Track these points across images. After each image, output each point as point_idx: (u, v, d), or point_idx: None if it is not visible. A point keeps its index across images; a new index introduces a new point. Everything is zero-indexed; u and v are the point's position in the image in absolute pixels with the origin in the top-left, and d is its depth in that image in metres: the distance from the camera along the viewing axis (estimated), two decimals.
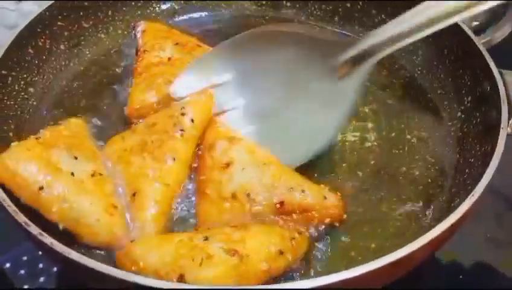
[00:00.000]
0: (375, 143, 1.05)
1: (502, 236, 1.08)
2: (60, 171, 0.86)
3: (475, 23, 1.44)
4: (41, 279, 1.02)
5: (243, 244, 0.81)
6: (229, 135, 0.96)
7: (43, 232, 0.76)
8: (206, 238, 0.81)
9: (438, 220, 0.79)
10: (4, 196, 0.81)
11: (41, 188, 0.84)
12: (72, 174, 0.87)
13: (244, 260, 0.79)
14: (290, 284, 0.70)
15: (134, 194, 0.90)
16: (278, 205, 0.87)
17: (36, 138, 0.91)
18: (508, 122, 0.91)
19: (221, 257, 0.78)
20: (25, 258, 1.04)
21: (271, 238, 0.83)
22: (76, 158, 0.90)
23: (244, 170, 0.90)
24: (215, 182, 0.91)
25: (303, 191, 0.88)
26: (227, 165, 0.91)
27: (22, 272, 1.02)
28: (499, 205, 1.14)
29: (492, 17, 1.45)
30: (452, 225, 0.77)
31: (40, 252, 1.02)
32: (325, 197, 0.89)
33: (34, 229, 0.76)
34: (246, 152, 0.93)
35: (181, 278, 0.76)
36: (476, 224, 1.05)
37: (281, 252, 0.82)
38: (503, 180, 1.12)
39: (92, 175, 0.89)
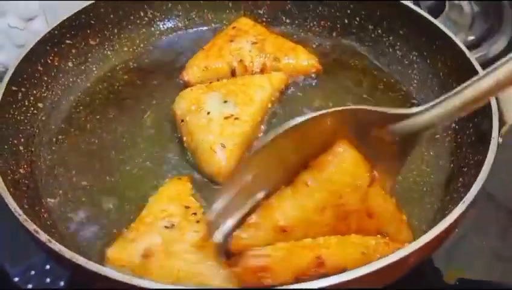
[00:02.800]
0: None
1: (506, 250, 1.09)
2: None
3: (471, 37, 1.48)
4: None
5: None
6: None
7: (51, 239, 0.79)
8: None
9: (432, 227, 0.81)
10: (15, 205, 0.85)
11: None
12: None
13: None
14: (292, 285, 0.72)
15: None
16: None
17: None
18: (499, 132, 0.94)
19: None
20: (32, 272, 1.06)
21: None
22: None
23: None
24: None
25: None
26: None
27: (30, 286, 1.04)
28: (502, 218, 1.15)
29: (488, 32, 1.48)
30: (443, 231, 0.79)
31: (47, 267, 1.06)
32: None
33: (43, 237, 0.80)
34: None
35: None
36: (480, 238, 1.09)
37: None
38: (507, 194, 1.15)
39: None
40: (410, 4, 1.22)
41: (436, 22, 1.17)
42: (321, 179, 0.84)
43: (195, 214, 0.93)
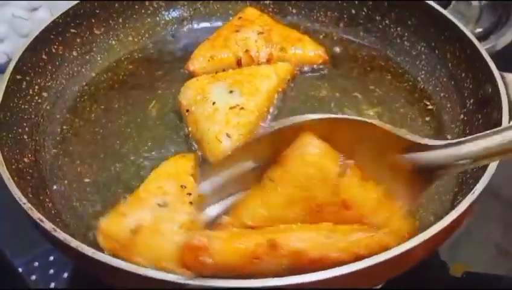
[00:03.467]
0: None
1: (510, 244, 1.09)
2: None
3: (479, 30, 1.46)
4: (52, 284, 1.03)
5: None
6: None
7: (56, 228, 0.78)
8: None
9: (441, 218, 0.80)
10: (19, 194, 0.84)
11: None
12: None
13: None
14: (290, 278, 0.71)
15: None
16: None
17: None
18: (509, 123, 0.93)
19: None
20: (36, 264, 1.06)
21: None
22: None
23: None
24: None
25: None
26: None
27: (34, 277, 1.04)
28: (508, 214, 1.14)
29: (496, 24, 1.47)
30: (452, 222, 0.78)
31: (51, 258, 1.06)
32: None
33: (48, 225, 0.79)
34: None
35: None
36: (485, 233, 1.09)
37: None
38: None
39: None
40: None
41: (445, 12, 1.16)
42: (284, 173, 0.80)
43: (189, 194, 0.93)
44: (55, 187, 1.01)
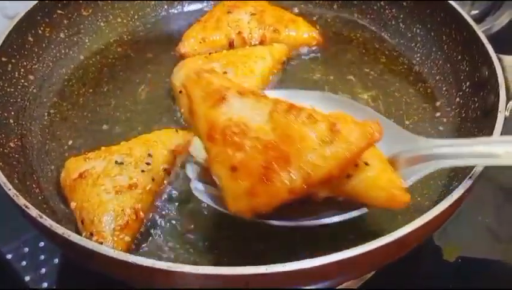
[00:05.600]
0: None
1: (502, 228, 1.08)
2: None
3: (474, 12, 1.45)
4: (43, 270, 1.02)
5: None
6: None
7: (42, 215, 0.77)
8: None
9: (437, 203, 0.78)
10: (4, 179, 0.82)
11: None
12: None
13: None
14: (289, 264, 0.69)
15: None
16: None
17: None
18: (506, 106, 0.91)
19: None
20: (26, 249, 1.04)
21: None
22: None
23: None
24: None
25: None
26: None
27: (24, 263, 1.03)
28: (499, 197, 1.14)
29: (491, 7, 1.45)
30: (449, 207, 0.77)
31: (41, 244, 1.04)
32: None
33: (34, 212, 0.77)
34: None
35: None
36: (476, 216, 1.08)
37: None
38: (504, 172, 1.13)
39: None
40: None
41: None
42: None
43: (148, 164, 0.93)
44: (42, 173, 0.99)
